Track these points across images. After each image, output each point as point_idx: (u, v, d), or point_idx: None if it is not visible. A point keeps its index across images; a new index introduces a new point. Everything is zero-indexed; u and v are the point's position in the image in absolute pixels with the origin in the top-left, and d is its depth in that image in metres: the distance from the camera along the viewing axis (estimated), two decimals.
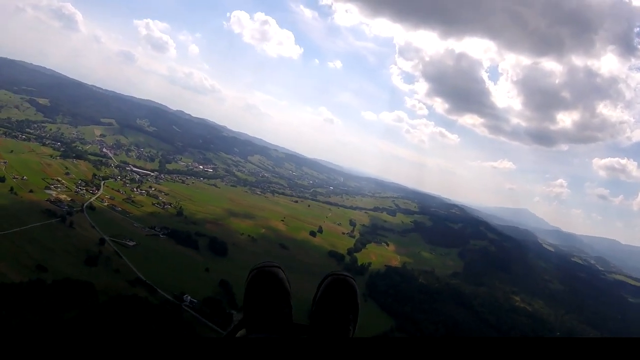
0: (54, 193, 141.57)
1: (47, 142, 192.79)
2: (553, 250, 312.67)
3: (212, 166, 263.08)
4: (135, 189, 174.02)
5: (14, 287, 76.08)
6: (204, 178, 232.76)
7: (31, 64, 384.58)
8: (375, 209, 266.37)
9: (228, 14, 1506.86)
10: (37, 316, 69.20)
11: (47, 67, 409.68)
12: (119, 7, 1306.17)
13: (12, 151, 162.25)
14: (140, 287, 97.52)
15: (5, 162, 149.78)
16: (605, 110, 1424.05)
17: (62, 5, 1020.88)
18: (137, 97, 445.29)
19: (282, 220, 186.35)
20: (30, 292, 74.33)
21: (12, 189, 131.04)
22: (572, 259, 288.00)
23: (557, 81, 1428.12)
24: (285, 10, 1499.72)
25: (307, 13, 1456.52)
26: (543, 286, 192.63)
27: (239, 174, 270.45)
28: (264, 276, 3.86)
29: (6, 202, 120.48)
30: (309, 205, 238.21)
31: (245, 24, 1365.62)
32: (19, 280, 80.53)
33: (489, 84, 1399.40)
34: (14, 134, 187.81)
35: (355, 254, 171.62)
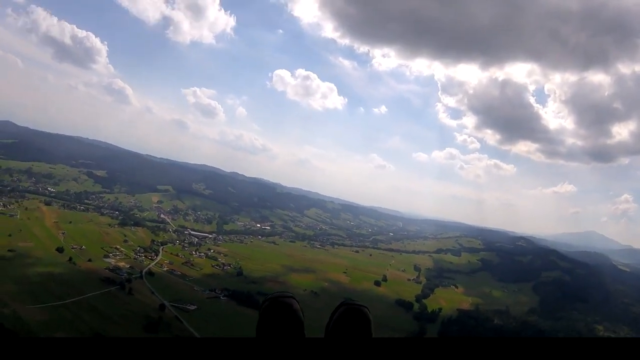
0: (112, 261, 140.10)
1: (105, 212, 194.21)
2: (629, 270, 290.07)
3: (269, 223, 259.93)
4: (194, 252, 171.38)
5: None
6: (262, 236, 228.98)
7: (87, 138, 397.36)
8: (439, 251, 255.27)
9: (270, 74, 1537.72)
10: None
11: (103, 141, 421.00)
12: (166, 78, 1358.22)
13: (70, 222, 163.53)
14: None
15: (64, 233, 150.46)
16: None
17: (112, 81, 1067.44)
18: (191, 162, 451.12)
19: (344, 272, 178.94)
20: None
21: (70, 258, 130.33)
22: None
23: (606, 93, 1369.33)
24: (324, 63, 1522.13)
25: (347, 64, 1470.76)
26: (625, 310, 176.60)
27: (296, 229, 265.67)
28: (278, 307, 3.79)
29: (65, 272, 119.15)
30: (370, 254, 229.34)
31: (287, 81, 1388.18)
32: None
33: (538, 108, 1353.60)
34: (72, 205, 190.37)
35: (423, 300, 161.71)
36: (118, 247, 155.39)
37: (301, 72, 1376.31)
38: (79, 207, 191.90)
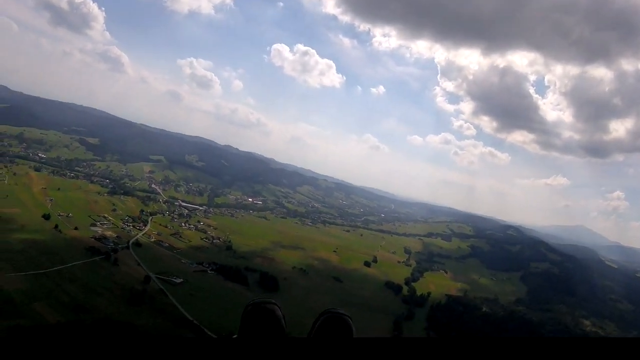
0: (99, 230, 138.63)
1: (95, 180, 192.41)
2: (616, 267, 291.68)
3: (261, 198, 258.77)
4: (183, 224, 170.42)
5: (48, 328, 69.92)
6: (253, 211, 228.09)
7: (81, 105, 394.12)
8: (429, 235, 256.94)
9: (268, 48, 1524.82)
10: None
11: (97, 108, 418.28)
12: (162, 48, 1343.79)
13: (59, 189, 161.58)
14: (186, 328, 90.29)
15: (51, 200, 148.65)
16: None
17: (108, 48, 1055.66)
18: (186, 134, 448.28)
19: (334, 251, 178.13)
20: (64, 334, 67.92)
21: (56, 226, 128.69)
22: (637, 275, 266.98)
23: (607, 88, 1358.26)
24: (324, 40, 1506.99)
25: (346, 41, 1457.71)
26: (612, 307, 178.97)
27: (288, 205, 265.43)
28: (260, 312, 3.79)
29: (49, 239, 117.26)
30: (361, 235, 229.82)
31: (285, 56, 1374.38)
32: (55, 321, 74.46)
33: (537, 98, 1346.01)
34: (62, 172, 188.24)
35: (413, 283, 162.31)
36: (106, 216, 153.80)
37: (300, 47, 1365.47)
38: (69, 174, 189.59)
